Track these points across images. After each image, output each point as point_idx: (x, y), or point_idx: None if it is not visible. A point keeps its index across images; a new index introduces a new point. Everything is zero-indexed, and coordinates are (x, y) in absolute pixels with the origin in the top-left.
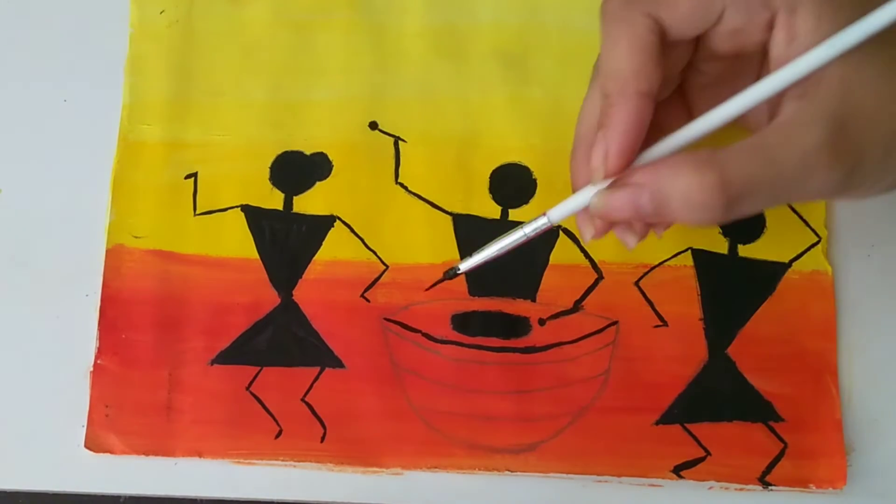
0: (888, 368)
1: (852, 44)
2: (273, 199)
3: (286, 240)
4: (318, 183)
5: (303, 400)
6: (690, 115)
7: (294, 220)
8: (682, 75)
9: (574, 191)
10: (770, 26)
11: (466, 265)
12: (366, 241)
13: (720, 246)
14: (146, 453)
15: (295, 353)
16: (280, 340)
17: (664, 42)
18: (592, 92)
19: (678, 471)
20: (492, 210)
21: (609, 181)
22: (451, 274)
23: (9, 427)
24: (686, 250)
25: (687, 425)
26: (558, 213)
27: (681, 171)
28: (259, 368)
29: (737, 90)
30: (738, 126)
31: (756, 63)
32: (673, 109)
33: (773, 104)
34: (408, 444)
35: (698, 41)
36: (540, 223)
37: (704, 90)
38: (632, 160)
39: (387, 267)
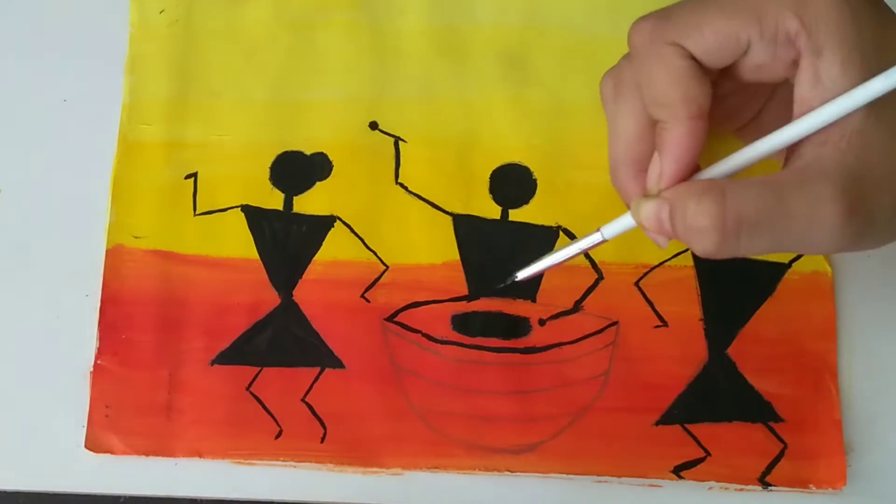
0: (888, 368)
1: (879, 93)
2: (273, 199)
3: (286, 240)
4: (318, 183)
5: (303, 400)
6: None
7: (294, 220)
8: None
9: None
10: (794, 64)
11: (524, 274)
12: (366, 241)
13: None
14: (146, 453)
15: (295, 354)
16: (280, 341)
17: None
18: (622, 109)
19: (678, 471)
20: (492, 210)
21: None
22: (508, 282)
23: (9, 427)
24: (686, 250)
25: (687, 426)
26: (611, 230)
27: (690, 193)
28: (259, 369)
29: (748, 107)
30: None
31: (771, 88)
32: None
33: (792, 146)
34: (408, 444)
35: (721, 70)
36: (595, 239)
37: (719, 100)
38: (685, 179)
39: (387, 267)
